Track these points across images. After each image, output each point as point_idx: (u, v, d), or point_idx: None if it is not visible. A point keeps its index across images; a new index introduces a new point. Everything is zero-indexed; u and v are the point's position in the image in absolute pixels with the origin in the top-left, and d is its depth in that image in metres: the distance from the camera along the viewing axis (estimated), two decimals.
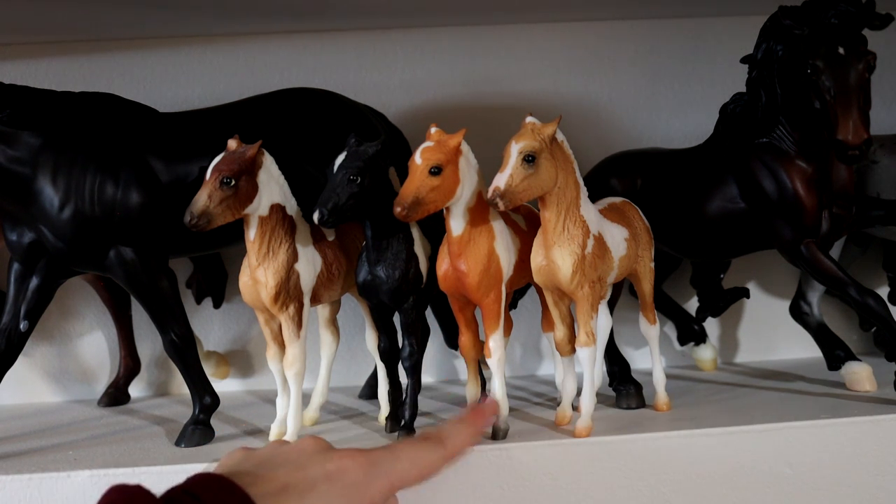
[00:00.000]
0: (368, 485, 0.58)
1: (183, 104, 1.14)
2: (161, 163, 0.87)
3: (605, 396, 0.95)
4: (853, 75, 0.83)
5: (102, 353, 1.17)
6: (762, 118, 0.92)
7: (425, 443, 0.65)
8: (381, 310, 0.87)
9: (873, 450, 0.78)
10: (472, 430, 0.70)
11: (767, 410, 0.86)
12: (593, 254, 0.78)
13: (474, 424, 0.70)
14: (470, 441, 0.69)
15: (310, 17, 1.12)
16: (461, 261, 0.78)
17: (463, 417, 0.71)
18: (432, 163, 0.75)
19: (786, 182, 0.90)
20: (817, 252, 0.90)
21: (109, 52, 1.16)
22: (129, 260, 0.85)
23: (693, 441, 0.77)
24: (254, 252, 0.82)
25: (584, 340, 0.79)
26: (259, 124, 0.92)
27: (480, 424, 0.72)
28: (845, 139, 0.82)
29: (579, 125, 1.18)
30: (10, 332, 0.87)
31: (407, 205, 0.74)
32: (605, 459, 0.76)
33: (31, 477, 0.75)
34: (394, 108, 1.16)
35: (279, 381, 0.85)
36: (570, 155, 0.78)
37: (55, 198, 0.83)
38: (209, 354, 1.14)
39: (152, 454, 0.81)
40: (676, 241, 1.00)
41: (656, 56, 1.21)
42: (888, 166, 1.02)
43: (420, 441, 0.65)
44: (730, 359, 1.23)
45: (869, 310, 0.87)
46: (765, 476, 0.77)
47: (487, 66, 1.19)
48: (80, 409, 1.08)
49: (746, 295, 1.15)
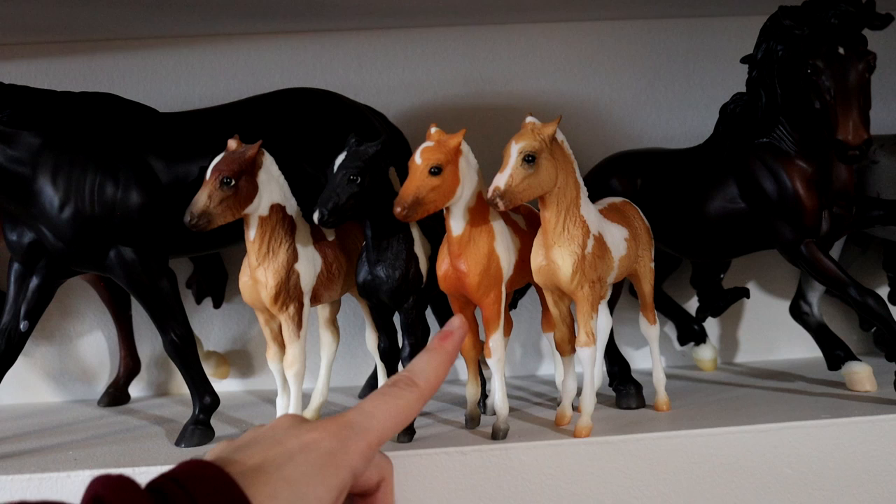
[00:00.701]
0: (346, 449, 0.56)
1: (183, 104, 1.14)
2: (161, 163, 0.87)
3: (605, 396, 0.95)
4: (853, 75, 0.83)
5: (102, 353, 1.17)
6: (762, 118, 0.92)
7: (395, 389, 0.62)
8: (381, 310, 0.87)
9: (873, 450, 0.78)
10: (442, 358, 0.64)
11: (767, 410, 0.86)
12: (593, 254, 0.78)
13: (443, 350, 0.64)
14: (443, 371, 0.63)
15: (310, 17, 1.11)
16: (461, 261, 0.78)
17: (429, 346, 0.65)
18: (432, 163, 0.75)
19: (786, 182, 0.90)
20: (817, 252, 0.90)
21: (109, 52, 1.16)
22: (129, 260, 0.85)
23: (693, 441, 0.77)
24: (254, 252, 0.82)
25: (584, 340, 0.79)
26: (259, 124, 0.92)
27: (450, 348, 0.64)
28: (845, 139, 0.82)
29: (579, 125, 1.18)
30: (10, 332, 0.87)
31: (407, 205, 0.74)
32: (605, 459, 0.76)
33: (31, 477, 0.75)
34: (394, 108, 1.16)
35: (279, 381, 0.85)
36: (570, 155, 0.78)
37: (55, 198, 0.83)
38: (209, 354, 1.14)
39: (152, 454, 0.81)
40: (676, 241, 1.00)
41: (656, 56, 1.21)
42: (888, 166, 1.02)
43: (390, 389, 0.62)
44: (730, 359, 1.23)
45: (869, 310, 0.87)
46: (765, 476, 0.77)
47: (487, 66, 1.19)
48: (80, 409, 1.08)
49: (746, 295, 1.15)
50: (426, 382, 0.62)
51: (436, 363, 0.63)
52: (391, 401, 0.61)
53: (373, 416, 0.59)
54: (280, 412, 0.85)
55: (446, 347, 0.64)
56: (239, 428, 0.92)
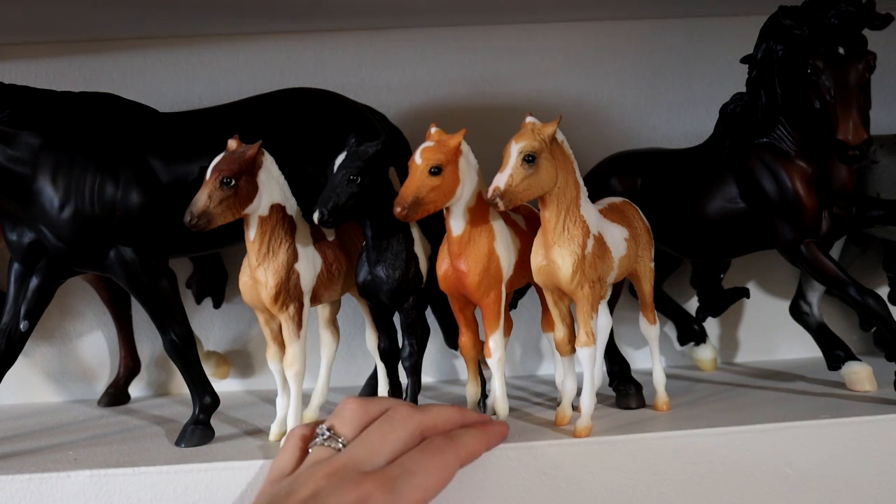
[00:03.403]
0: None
1: (183, 104, 1.14)
2: (161, 163, 0.87)
3: (605, 396, 0.95)
4: (853, 75, 0.83)
5: (102, 353, 1.17)
6: (762, 118, 0.92)
7: (434, 448, 0.64)
8: (381, 310, 0.87)
9: (873, 450, 0.78)
10: (484, 437, 0.70)
11: (767, 410, 0.86)
12: (593, 254, 0.78)
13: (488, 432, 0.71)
14: (484, 446, 0.69)
15: (310, 17, 1.11)
16: (461, 261, 0.78)
17: (476, 423, 0.70)
18: (432, 163, 0.75)
19: (786, 182, 0.90)
20: (817, 252, 0.90)
21: (109, 52, 1.16)
22: (129, 260, 0.85)
23: (693, 441, 0.77)
24: (254, 252, 0.82)
25: (584, 340, 0.79)
26: (259, 124, 0.92)
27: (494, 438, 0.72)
28: (845, 139, 0.82)
29: (579, 125, 1.18)
30: (10, 332, 0.87)
31: (407, 205, 0.74)
32: (605, 459, 0.76)
33: (31, 477, 0.75)
34: (394, 108, 1.16)
35: (279, 381, 0.85)
36: (570, 155, 0.78)
37: (55, 198, 0.83)
38: (209, 354, 1.14)
39: (152, 454, 0.81)
40: (676, 241, 1.00)
41: (656, 56, 1.21)
42: (888, 166, 1.02)
43: (429, 448, 0.65)
44: (730, 359, 1.23)
45: (869, 310, 0.87)
46: (765, 476, 0.77)
47: (487, 66, 1.19)
48: (80, 409, 1.08)
49: (746, 295, 1.15)
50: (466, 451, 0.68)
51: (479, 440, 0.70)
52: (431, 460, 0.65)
53: (415, 475, 0.62)
54: (280, 412, 0.85)
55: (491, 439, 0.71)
56: (239, 428, 0.92)
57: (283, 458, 0.69)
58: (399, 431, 0.66)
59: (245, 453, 0.80)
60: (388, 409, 0.69)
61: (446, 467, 0.64)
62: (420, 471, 0.62)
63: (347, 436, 0.66)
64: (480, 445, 0.69)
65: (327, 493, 0.59)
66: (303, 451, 0.69)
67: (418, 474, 0.61)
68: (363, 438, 0.65)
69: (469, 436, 0.68)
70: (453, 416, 0.71)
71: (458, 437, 0.67)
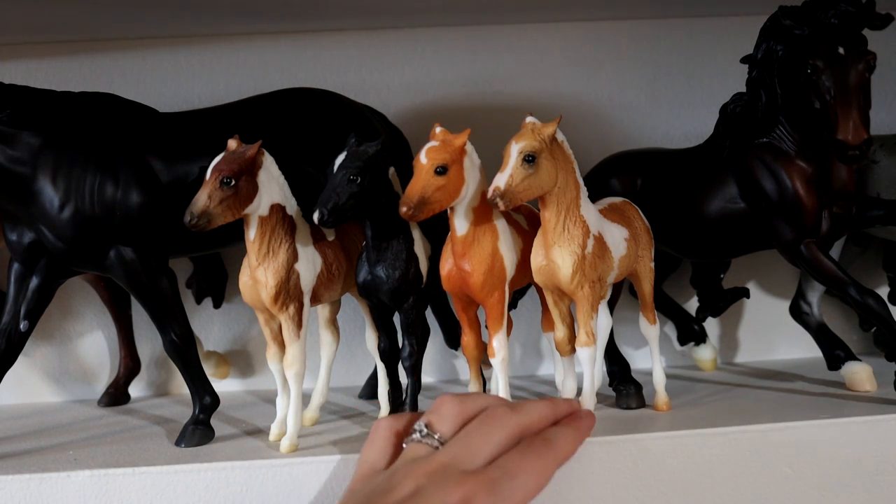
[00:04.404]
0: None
1: (183, 104, 1.14)
2: (161, 163, 0.87)
3: (605, 396, 0.95)
4: (853, 75, 0.83)
5: (102, 353, 1.17)
6: (762, 118, 0.92)
7: (534, 451, 0.64)
8: (381, 310, 0.87)
9: (873, 450, 0.78)
10: (578, 435, 0.70)
11: (767, 410, 0.86)
12: (593, 254, 0.78)
13: (580, 430, 0.71)
14: (577, 445, 0.69)
15: (310, 17, 1.11)
16: (465, 260, 0.78)
17: (567, 415, 0.71)
18: (438, 162, 0.75)
19: (786, 182, 0.90)
20: (817, 252, 0.90)
21: (109, 52, 1.16)
22: (129, 260, 0.85)
23: (693, 441, 0.77)
24: (254, 252, 0.82)
25: (584, 340, 0.79)
26: (259, 124, 0.92)
27: (584, 434, 0.72)
28: (845, 139, 0.82)
29: (579, 125, 1.18)
30: (10, 332, 0.87)
31: (413, 204, 0.74)
32: (605, 459, 0.76)
33: (31, 477, 0.75)
34: (394, 108, 1.16)
35: (279, 381, 0.85)
36: (570, 155, 0.78)
37: (55, 198, 0.83)
38: (209, 354, 1.14)
39: (152, 454, 0.81)
40: (676, 241, 1.00)
41: (656, 56, 1.21)
42: (888, 166, 1.02)
43: (529, 451, 0.64)
44: (730, 359, 1.23)
45: (869, 310, 0.87)
46: (765, 476, 0.77)
47: (487, 66, 1.19)
48: (80, 409, 1.08)
49: (746, 295, 1.15)
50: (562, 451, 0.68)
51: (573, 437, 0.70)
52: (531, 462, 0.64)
53: (516, 477, 0.62)
54: (280, 412, 0.85)
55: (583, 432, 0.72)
56: (239, 428, 0.92)
57: (374, 451, 0.67)
58: (499, 432, 0.65)
59: (245, 453, 0.80)
60: (486, 408, 0.68)
61: (545, 469, 0.64)
62: (521, 473, 0.62)
63: (445, 433, 0.65)
64: (575, 445, 0.69)
65: (430, 492, 0.58)
66: (395, 447, 0.67)
67: (519, 476, 0.61)
68: (463, 438, 0.64)
69: (564, 437, 0.68)
70: (546, 413, 0.71)
71: (555, 440, 0.67)
